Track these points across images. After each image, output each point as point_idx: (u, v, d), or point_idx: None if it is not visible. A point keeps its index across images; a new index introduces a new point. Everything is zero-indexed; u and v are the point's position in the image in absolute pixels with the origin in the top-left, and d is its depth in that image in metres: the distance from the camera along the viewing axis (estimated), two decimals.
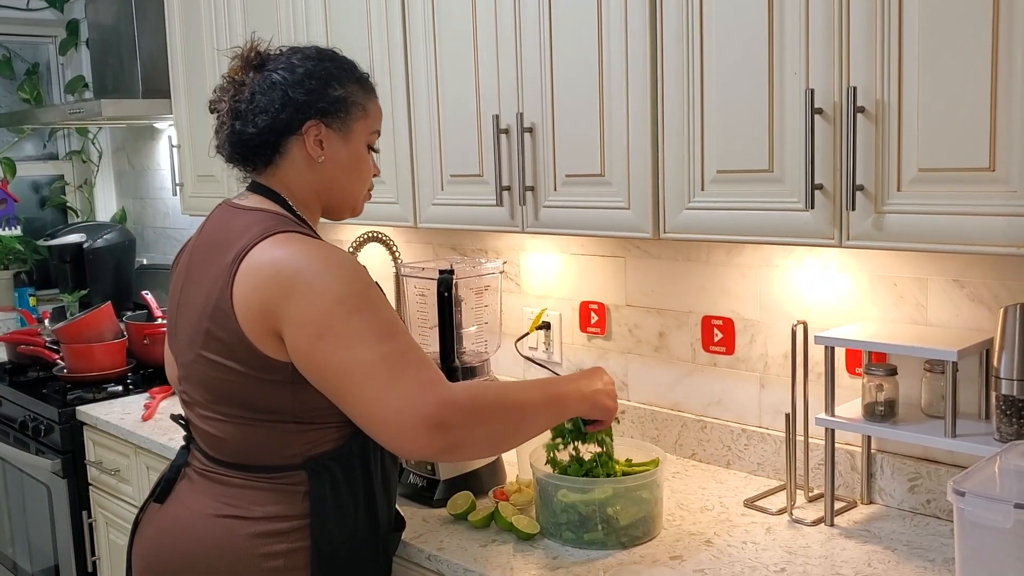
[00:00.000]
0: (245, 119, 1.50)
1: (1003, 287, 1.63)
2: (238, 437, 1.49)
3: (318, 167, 1.54)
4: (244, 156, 1.55)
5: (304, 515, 1.47)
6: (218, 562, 1.47)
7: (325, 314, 1.37)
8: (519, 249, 2.42)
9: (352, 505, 1.50)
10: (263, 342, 1.41)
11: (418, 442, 1.36)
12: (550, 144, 1.85)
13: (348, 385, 1.37)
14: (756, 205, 1.55)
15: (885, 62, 1.37)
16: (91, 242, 3.85)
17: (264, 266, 1.41)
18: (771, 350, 1.96)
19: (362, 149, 1.58)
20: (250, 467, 1.49)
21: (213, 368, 1.46)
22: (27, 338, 3.31)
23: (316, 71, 1.52)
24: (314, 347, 1.38)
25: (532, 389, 1.53)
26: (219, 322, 1.44)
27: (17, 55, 4.15)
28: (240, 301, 1.41)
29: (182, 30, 2.89)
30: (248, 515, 1.48)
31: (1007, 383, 1.49)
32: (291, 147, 1.52)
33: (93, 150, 4.32)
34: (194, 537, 1.50)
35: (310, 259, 1.40)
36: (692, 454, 2.11)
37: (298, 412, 1.46)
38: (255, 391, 1.45)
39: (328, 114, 1.52)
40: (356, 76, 1.58)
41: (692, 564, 1.58)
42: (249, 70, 1.52)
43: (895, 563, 1.56)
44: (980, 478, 1.32)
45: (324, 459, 1.48)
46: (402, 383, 1.35)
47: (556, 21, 1.80)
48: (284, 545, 1.46)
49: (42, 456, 2.88)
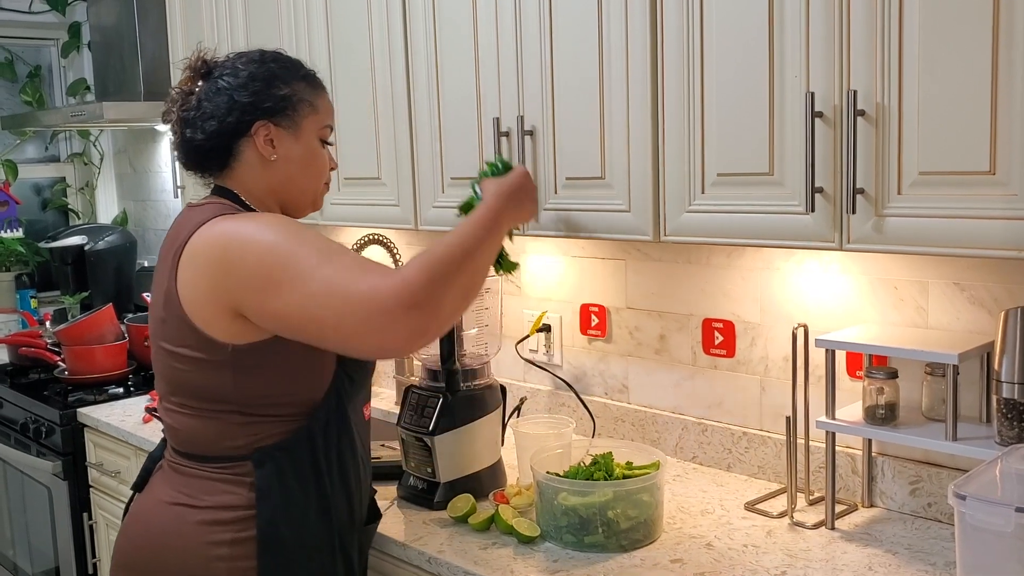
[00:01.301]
0: (194, 127, 1.56)
1: (1004, 290, 1.63)
2: (190, 427, 1.54)
3: (272, 165, 1.57)
4: (198, 162, 1.60)
5: (250, 506, 1.50)
6: (167, 548, 1.52)
7: (265, 265, 1.39)
8: (520, 252, 2.42)
9: (301, 496, 1.52)
10: (208, 323, 1.45)
11: (401, 329, 1.35)
12: (551, 147, 1.85)
13: (312, 315, 1.37)
14: (756, 208, 1.55)
15: (885, 65, 1.37)
16: (92, 244, 3.85)
17: (200, 247, 1.46)
18: (772, 353, 1.96)
19: (314, 144, 1.61)
20: (201, 457, 1.54)
21: (168, 357, 1.52)
22: (28, 340, 3.32)
23: (259, 73, 1.56)
24: (268, 298, 1.39)
25: (467, 228, 1.50)
26: (169, 309, 1.49)
27: (19, 58, 4.16)
28: (183, 285, 1.47)
29: (184, 32, 2.90)
30: (198, 504, 1.52)
31: (1008, 386, 1.49)
32: (243, 149, 1.57)
33: (95, 152, 4.32)
34: (150, 523, 1.56)
35: (238, 227, 1.45)
36: (693, 457, 2.10)
37: (241, 402, 1.49)
38: (201, 379, 1.49)
39: (275, 113, 1.56)
40: (301, 74, 1.62)
41: (693, 567, 1.58)
42: (198, 79, 1.58)
43: (896, 566, 1.56)
44: (981, 482, 1.32)
45: (270, 450, 1.51)
46: (360, 287, 1.35)
47: (557, 24, 1.80)
48: (230, 534, 1.49)
49: (43, 458, 2.88)
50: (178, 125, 1.58)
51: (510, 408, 2.08)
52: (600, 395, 2.28)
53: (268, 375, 1.48)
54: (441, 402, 1.89)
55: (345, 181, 2.37)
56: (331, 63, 2.34)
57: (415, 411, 1.92)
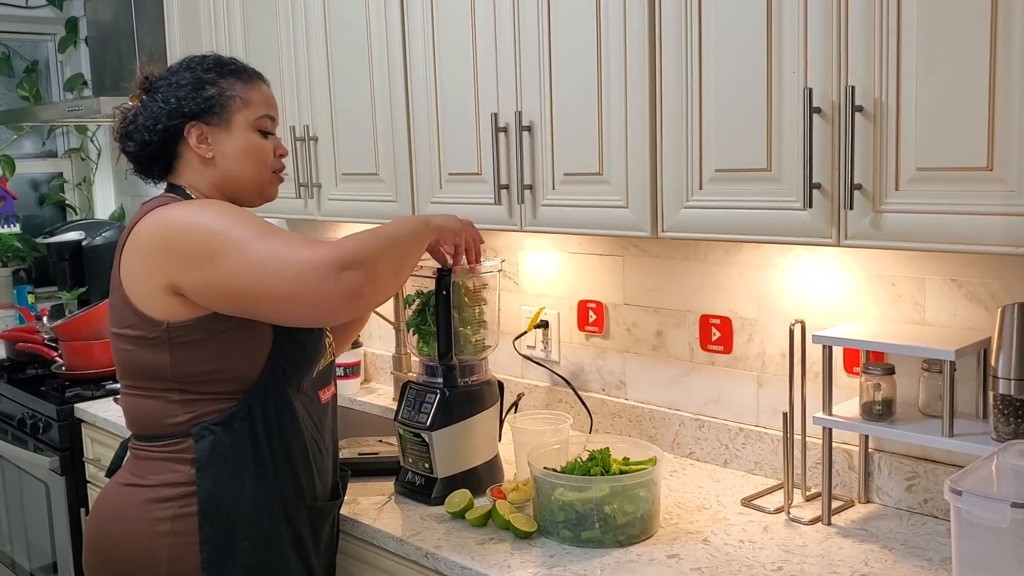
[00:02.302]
0: (131, 138, 1.67)
1: (1001, 286, 1.63)
2: (136, 407, 1.61)
3: (210, 163, 1.65)
4: (144, 170, 1.70)
5: (191, 482, 1.56)
6: (117, 527, 1.59)
7: (202, 242, 1.48)
8: (517, 248, 2.42)
9: (240, 467, 1.57)
10: (144, 302, 1.53)
11: (335, 288, 1.44)
12: (548, 142, 1.85)
13: (251, 282, 1.46)
14: (754, 204, 1.55)
15: (884, 61, 1.37)
16: (90, 240, 3.85)
17: (144, 232, 1.54)
18: (769, 349, 1.96)
19: (250, 137, 1.66)
20: (147, 437, 1.60)
21: (116, 340, 1.60)
22: (26, 335, 3.32)
23: (187, 79, 1.65)
24: (205, 273, 1.47)
25: (387, 227, 1.61)
26: (114, 294, 1.59)
27: (16, 53, 4.15)
28: (125, 269, 1.56)
29: (181, 28, 2.89)
30: (145, 483, 1.58)
31: (1004, 382, 1.49)
32: (182, 151, 1.65)
33: (92, 148, 4.32)
34: (105, 505, 1.64)
35: (177, 211, 1.54)
36: (690, 453, 2.11)
37: (179, 379, 1.55)
38: (142, 358, 1.55)
39: (204, 113, 1.63)
40: (229, 70, 1.68)
41: (689, 563, 1.58)
42: (144, 94, 1.68)
43: (892, 562, 1.56)
44: (977, 477, 1.32)
45: (209, 425, 1.56)
46: (295, 254, 1.44)
47: (555, 19, 1.80)
48: (173, 510, 1.55)
49: (40, 453, 2.88)
50: (119, 140, 1.70)
51: (507, 404, 2.09)
52: (597, 391, 2.29)
53: (203, 352, 1.54)
54: (438, 398, 1.89)
55: (343, 177, 2.37)
56: (329, 58, 2.34)
57: (412, 407, 1.92)
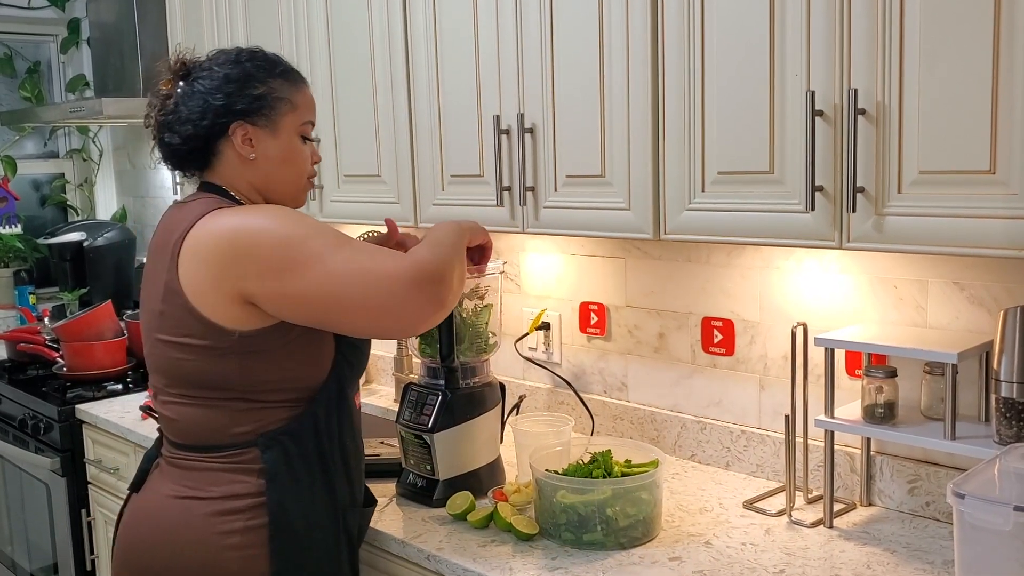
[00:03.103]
0: (171, 130, 1.58)
1: (1003, 290, 1.63)
2: (193, 418, 1.55)
3: (252, 164, 1.59)
4: (179, 163, 1.63)
5: (260, 492, 1.52)
6: (178, 542, 1.52)
7: (279, 251, 1.44)
8: (519, 249, 2.42)
9: (308, 480, 1.55)
10: (215, 311, 1.47)
11: (423, 300, 1.45)
12: (551, 145, 1.85)
13: (335, 293, 1.44)
14: (757, 207, 1.55)
15: (886, 64, 1.37)
16: (91, 240, 3.85)
17: (205, 238, 1.48)
18: (771, 351, 1.96)
19: (294, 142, 1.62)
20: (205, 447, 1.55)
21: (168, 348, 1.53)
22: (27, 336, 3.31)
23: (234, 74, 1.57)
24: (284, 284, 1.44)
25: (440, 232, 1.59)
26: (169, 301, 1.51)
27: (18, 53, 4.15)
28: (186, 276, 1.48)
29: (184, 29, 2.89)
30: (205, 495, 1.53)
31: (1007, 386, 1.49)
32: (223, 148, 1.59)
33: (94, 148, 4.32)
34: (157, 520, 1.56)
35: (244, 219, 1.49)
36: (691, 455, 2.11)
37: (246, 388, 1.51)
38: (205, 368, 1.50)
39: (251, 113, 1.57)
40: (278, 71, 1.62)
41: (691, 565, 1.58)
42: (177, 81, 1.59)
43: (894, 565, 1.56)
44: (980, 480, 1.32)
45: (275, 434, 1.53)
46: (381, 268, 1.44)
47: (557, 21, 1.80)
48: (241, 523, 1.50)
49: (41, 454, 2.88)
50: (156, 129, 1.61)
51: (509, 406, 2.08)
52: (599, 393, 2.28)
53: (273, 360, 1.50)
54: (440, 399, 1.89)
55: (345, 178, 2.37)
56: (331, 60, 2.34)
57: (414, 408, 1.92)
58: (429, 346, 1.94)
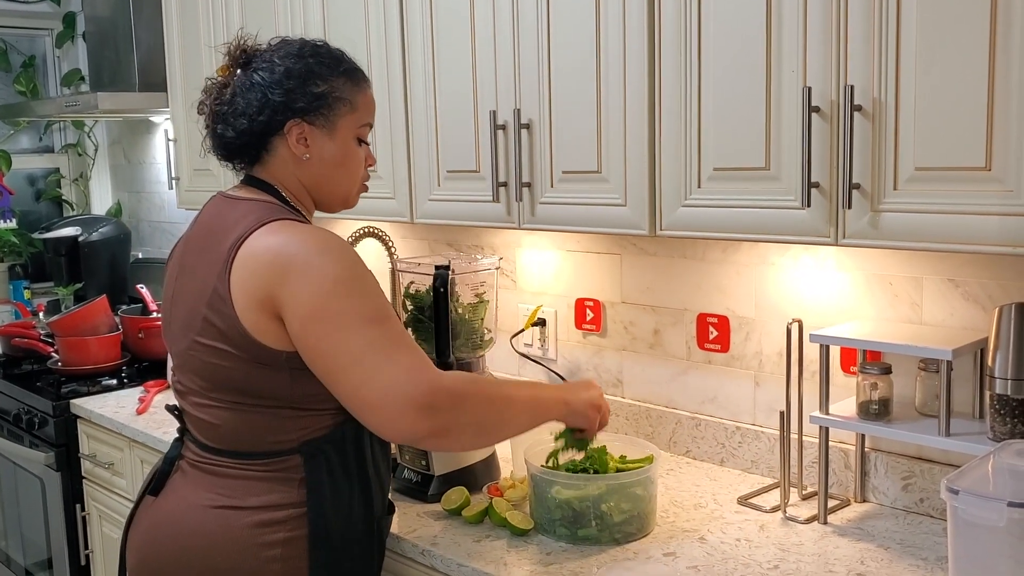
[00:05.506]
0: (226, 122, 1.52)
1: (998, 286, 1.63)
2: (233, 423, 1.49)
3: (305, 164, 1.54)
4: (230, 156, 1.57)
5: (301, 503, 1.48)
6: (215, 554, 1.47)
7: (319, 297, 1.39)
8: (515, 245, 2.42)
9: (347, 489, 1.52)
10: (259, 330, 1.42)
11: (405, 425, 1.37)
12: (547, 140, 1.84)
13: (337, 368, 1.39)
14: (752, 203, 1.55)
15: (883, 61, 1.37)
16: (86, 235, 3.84)
17: (261, 253, 1.42)
18: (766, 348, 1.96)
19: (349, 144, 1.57)
20: (245, 454, 1.50)
21: (209, 354, 1.47)
22: (21, 331, 3.31)
23: (296, 69, 1.51)
24: (307, 329, 1.39)
25: (518, 387, 1.58)
26: (216, 308, 1.44)
27: (13, 47, 4.14)
28: (237, 288, 1.42)
29: (179, 23, 2.88)
30: (244, 505, 1.48)
31: (1001, 382, 1.49)
32: (276, 145, 1.53)
33: (89, 143, 4.31)
34: (189, 530, 1.50)
35: (306, 244, 1.42)
36: (686, 451, 2.11)
37: (296, 398, 1.47)
38: (252, 377, 1.45)
39: (309, 112, 1.51)
40: (341, 70, 1.56)
41: (685, 561, 1.58)
42: (236, 67, 1.53)
43: (888, 561, 1.56)
44: (974, 477, 1.32)
45: (319, 443, 1.49)
46: (390, 367, 1.37)
47: (554, 17, 1.80)
48: (282, 534, 1.47)
49: (36, 449, 2.87)
50: (210, 119, 1.55)
51: None
52: None
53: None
54: None
55: None
56: None
57: None
58: (425, 342, 1.94)
